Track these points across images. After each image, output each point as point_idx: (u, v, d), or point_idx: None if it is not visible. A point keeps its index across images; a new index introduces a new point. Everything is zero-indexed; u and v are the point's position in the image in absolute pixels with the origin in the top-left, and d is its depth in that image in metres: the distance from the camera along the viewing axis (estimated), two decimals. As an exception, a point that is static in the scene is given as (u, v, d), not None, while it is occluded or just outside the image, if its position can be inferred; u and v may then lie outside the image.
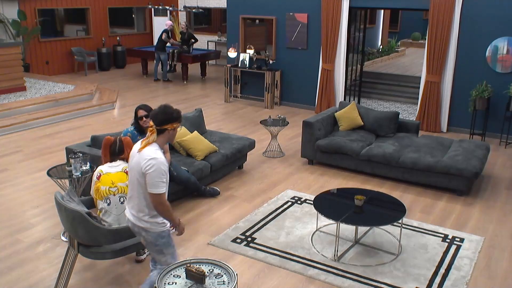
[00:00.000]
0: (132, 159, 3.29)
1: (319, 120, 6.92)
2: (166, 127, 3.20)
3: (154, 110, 3.23)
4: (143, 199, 3.25)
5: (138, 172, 3.19)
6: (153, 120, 3.19)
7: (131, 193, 3.34)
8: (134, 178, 3.25)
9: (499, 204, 5.80)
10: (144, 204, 3.25)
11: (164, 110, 3.20)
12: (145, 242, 3.40)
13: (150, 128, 3.18)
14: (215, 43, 16.11)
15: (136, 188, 3.25)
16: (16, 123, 8.50)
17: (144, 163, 3.13)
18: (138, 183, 3.22)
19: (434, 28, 8.42)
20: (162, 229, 3.34)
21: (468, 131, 8.39)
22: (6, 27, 12.45)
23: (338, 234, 4.57)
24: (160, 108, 3.21)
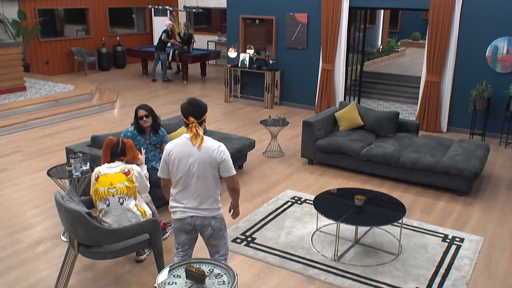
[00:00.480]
0: (190, 158, 3.31)
1: (319, 120, 6.92)
2: (204, 118, 3.36)
3: (187, 106, 3.31)
4: (216, 189, 3.41)
5: (211, 165, 3.31)
6: (192, 115, 3.28)
7: (199, 191, 3.36)
8: (204, 172, 3.32)
9: (499, 204, 5.80)
10: (218, 193, 3.43)
11: (197, 103, 3.32)
12: (212, 231, 3.46)
13: (193, 124, 3.28)
14: (215, 43, 16.11)
15: (208, 181, 3.35)
16: (16, 123, 8.50)
17: (216, 153, 3.30)
18: (211, 176, 3.35)
19: (434, 28, 8.42)
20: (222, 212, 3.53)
21: (468, 131, 8.39)
22: (6, 27, 12.45)
23: (338, 234, 4.57)
24: (192, 103, 3.31)
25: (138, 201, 3.98)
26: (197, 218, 3.41)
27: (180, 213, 3.43)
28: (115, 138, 4.09)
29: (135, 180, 3.95)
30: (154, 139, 5.23)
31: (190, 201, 3.40)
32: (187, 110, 3.31)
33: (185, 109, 3.33)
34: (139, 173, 4.00)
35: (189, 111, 3.30)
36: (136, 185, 3.96)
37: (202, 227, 3.46)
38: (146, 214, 3.98)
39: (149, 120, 5.09)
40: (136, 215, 3.92)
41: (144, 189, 4.11)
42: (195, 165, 3.32)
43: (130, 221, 3.89)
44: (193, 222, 3.43)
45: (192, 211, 3.41)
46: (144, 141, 5.17)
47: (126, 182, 3.89)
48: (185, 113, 3.33)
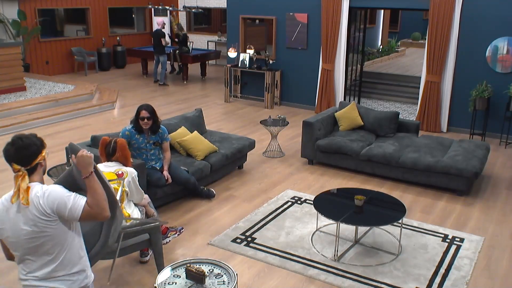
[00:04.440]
0: (12, 227, 2.43)
1: (319, 120, 6.92)
2: (38, 160, 2.46)
3: (9, 150, 2.42)
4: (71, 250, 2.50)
5: (44, 220, 2.38)
6: (17, 163, 2.43)
7: (43, 258, 2.46)
8: (47, 232, 2.40)
9: (499, 204, 5.80)
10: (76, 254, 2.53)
11: (21, 145, 2.40)
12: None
13: (19, 174, 2.45)
14: (215, 43, 16.12)
15: (56, 241, 2.44)
16: (16, 123, 8.51)
17: (41, 204, 2.38)
18: (57, 234, 2.43)
19: (434, 28, 8.42)
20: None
21: (468, 131, 8.39)
22: (6, 27, 12.45)
23: (338, 234, 4.57)
24: (15, 144, 2.41)
25: (125, 204, 3.93)
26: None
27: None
28: (108, 138, 4.09)
29: (127, 184, 3.90)
30: (153, 138, 5.21)
31: (39, 274, 2.47)
32: (9, 156, 2.42)
33: (7, 154, 2.42)
34: (133, 179, 3.96)
35: (11, 157, 2.42)
36: (126, 190, 3.89)
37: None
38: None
39: (149, 122, 5.07)
40: None
41: (136, 197, 4.04)
42: (22, 228, 2.39)
43: None
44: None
45: (41, 284, 2.47)
46: (142, 140, 5.16)
47: (115, 184, 3.85)
48: (7, 159, 2.44)
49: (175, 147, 5.98)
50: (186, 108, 9.96)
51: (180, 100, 10.93)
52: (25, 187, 2.41)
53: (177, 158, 5.80)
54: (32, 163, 2.42)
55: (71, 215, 2.37)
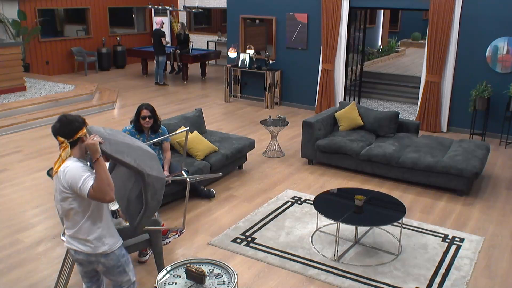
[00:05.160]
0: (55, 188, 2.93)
1: (319, 120, 6.92)
2: (78, 135, 2.84)
3: (55, 125, 2.85)
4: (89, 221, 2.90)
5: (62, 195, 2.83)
6: (60, 135, 2.83)
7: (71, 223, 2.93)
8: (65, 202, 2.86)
9: (499, 204, 5.80)
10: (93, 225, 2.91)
11: (65, 121, 2.83)
12: (104, 268, 3.00)
13: (63, 145, 2.83)
14: (215, 43, 16.12)
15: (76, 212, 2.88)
16: (16, 123, 8.51)
17: (62, 178, 2.79)
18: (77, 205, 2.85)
19: (434, 28, 8.42)
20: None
21: (468, 131, 8.39)
22: (6, 27, 12.45)
23: (338, 234, 4.57)
24: (61, 121, 2.84)
25: None
26: (79, 253, 2.95)
27: (65, 243, 3.04)
28: None
29: None
30: (153, 137, 5.21)
31: (67, 229, 2.98)
32: (55, 130, 2.83)
33: (53, 128, 2.85)
34: None
35: (56, 130, 2.83)
36: None
37: (89, 264, 2.99)
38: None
39: (151, 121, 5.08)
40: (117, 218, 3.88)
41: None
42: (56, 191, 2.88)
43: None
44: (76, 256, 2.98)
45: (70, 241, 2.96)
46: (143, 140, 5.16)
47: None
48: (53, 133, 2.85)
49: (175, 147, 5.98)
50: (186, 108, 9.96)
51: (180, 100, 10.93)
52: (64, 157, 2.81)
53: (177, 158, 5.80)
54: (74, 137, 2.82)
55: (81, 194, 2.74)
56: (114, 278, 3.06)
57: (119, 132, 3.20)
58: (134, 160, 2.85)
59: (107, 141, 2.84)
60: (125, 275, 3.06)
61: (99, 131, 2.90)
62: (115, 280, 3.07)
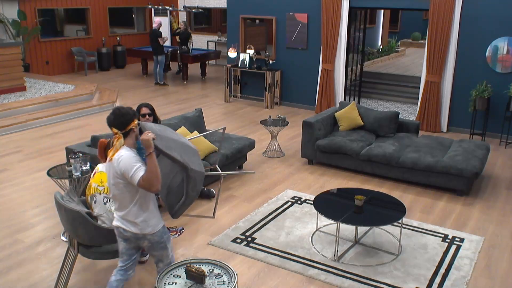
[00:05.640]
0: (107, 174, 3.28)
1: (319, 120, 6.92)
2: (130, 126, 3.17)
3: (109, 117, 3.18)
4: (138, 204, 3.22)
5: (116, 177, 3.15)
6: (114, 126, 3.15)
7: (122, 206, 3.26)
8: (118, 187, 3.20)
9: (499, 204, 5.80)
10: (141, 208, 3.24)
11: (119, 113, 3.16)
12: (150, 244, 3.35)
13: (116, 136, 3.15)
14: (215, 43, 16.12)
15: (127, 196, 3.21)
16: (16, 123, 8.51)
17: (116, 165, 3.11)
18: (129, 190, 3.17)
19: (434, 28, 8.42)
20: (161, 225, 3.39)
21: (468, 131, 8.39)
22: (6, 27, 12.45)
23: (338, 234, 4.57)
24: (115, 113, 3.17)
25: None
26: (127, 231, 3.30)
27: (115, 220, 3.38)
28: (106, 140, 4.06)
29: None
30: None
31: (117, 210, 3.33)
32: (109, 121, 3.18)
33: (108, 120, 3.19)
34: None
35: (111, 122, 3.17)
36: None
37: (137, 240, 3.35)
38: None
39: (150, 119, 5.07)
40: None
41: None
42: (108, 178, 3.26)
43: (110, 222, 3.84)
44: (124, 233, 3.33)
45: (121, 221, 3.32)
46: (143, 140, 5.16)
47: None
48: (108, 124, 3.20)
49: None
50: (186, 108, 9.96)
51: (180, 100, 10.93)
52: (119, 146, 3.12)
53: (177, 158, 5.79)
54: (126, 128, 3.14)
55: (131, 181, 3.08)
56: (156, 253, 3.40)
57: (167, 128, 3.53)
58: (180, 156, 3.21)
59: (159, 137, 3.16)
60: (166, 251, 3.42)
61: (152, 128, 3.22)
62: (157, 255, 3.42)
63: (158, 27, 12.32)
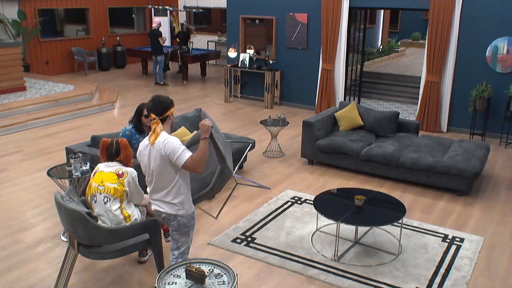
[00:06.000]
0: (148, 155, 3.46)
1: (319, 120, 6.92)
2: (167, 113, 3.42)
3: (149, 104, 3.41)
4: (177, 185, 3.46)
5: (162, 159, 3.37)
6: (153, 112, 3.38)
7: (159, 186, 3.49)
8: (160, 168, 3.40)
9: (499, 204, 5.80)
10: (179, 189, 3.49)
11: (158, 100, 3.40)
12: (177, 225, 3.56)
13: (154, 121, 3.37)
14: (215, 43, 16.12)
15: (167, 176, 3.43)
16: (16, 123, 8.50)
17: (161, 148, 3.34)
18: (168, 171, 3.41)
19: (434, 28, 8.42)
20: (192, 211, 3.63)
21: (468, 131, 8.39)
22: (6, 27, 12.45)
23: (338, 234, 4.57)
24: (154, 100, 3.40)
25: (124, 204, 3.93)
26: (162, 213, 3.55)
27: (151, 204, 3.65)
28: (109, 140, 4.06)
29: (127, 184, 3.89)
30: None
31: (154, 193, 3.56)
32: (148, 108, 3.42)
33: (147, 107, 3.47)
34: (133, 179, 3.95)
35: (150, 108, 3.41)
36: (126, 190, 3.89)
37: (169, 220, 3.58)
38: (131, 219, 3.89)
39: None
40: (117, 218, 3.85)
41: (136, 197, 4.03)
42: (149, 160, 3.45)
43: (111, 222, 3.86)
44: (161, 215, 3.59)
45: (157, 204, 3.56)
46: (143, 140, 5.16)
47: (116, 183, 3.85)
48: (147, 110, 3.48)
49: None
50: (186, 108, 9.95)
51: (180, 100, 10.92)
52: (159, 131, 3.37)
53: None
54: (164, 114, 3.38)
55: (177, 162, 3.32)
56: (178, 237, 3.62)
57: (215, 122, 3.72)
58: (223, 150, 3.55)
59: (214, 128, 3.48)
60: (187, 237, 3.64)
61: (210, 118, 3.53)
62: (178, 239, 3.63)
63: (158, 27, 12.30)
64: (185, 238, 3.65)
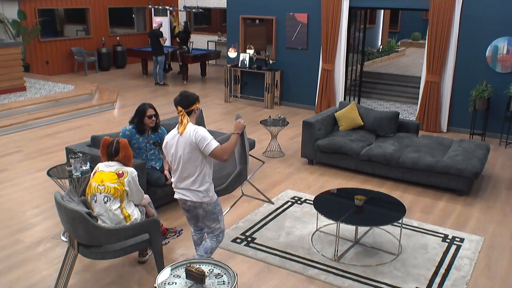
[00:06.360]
0: (175, 144, 3.68)
1: (319, 120, 6.92)
2: (192, 108, 3.69)
3: (177, 97, 3.71)
4: (203, 173, 3.69)
5: (191, 147, 3.61)
6: (180, 105, 3.66)
7: (185, 173, 3.69)
8: (187, 156, 3.63)
9: (499, 204, 5.80)
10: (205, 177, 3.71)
11: (185, 95, 3.72)
12: (204, 213, 3.80)
13: (181, 113, 3.64)
14: (215, 43, 16.12)
15: (193, 164, 3.65)
16: (16, 123, 8.51)
17: (192, 136, 3.59)
18: (195, 159, 3.64)
19: (434, 28, 8.42)
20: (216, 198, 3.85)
21: (468, 131, 8.39)
22: (6, 27, 12.45)
23: (338, 234, 4.57)
24: (182, 95, 3.72)
25: (124, 204, 3.93)
26: (187, 201, 3.76)
27: (176, 194, 3.83)
28: (110, 138, 4.07)
29: (127, 184, 3.89)
30: (153, 137, 5.23)
31: (179, 182, 3.76)
32: (176, 101, 3.70)
33: (174, 100, 3.72)
34: (133, 178, 3.95)
35: (177, 102, 3.68)
36: (126, 189, 3.90)
37: (194, 208, 3.80)
38: (131, 218, 3.91)
39: (154, 120, 5.12)
40: (117, 217, 3.86)
41: (136, 197, 4.04)
42: (177, 149, 3.67)
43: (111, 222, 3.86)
44: (186, 203, 3.79)
45: (182, 192, 3.76)
46: (143, 140, 5.17)
47: (116, 183, 3.86)
48: (174, 103, 3.72)
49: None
50: (186, 108, 9.94)
51: (180, 100, 10.90)
52: (186, 122, 3.65)
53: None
54: (189, 108, 3.67)
55: (206, 149, 3.59)
56: (209, 223, 3.86)
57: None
58: (247, 151, 4.05)
59: (244, 130, 4.00)
60: (217, 223, 3.88)
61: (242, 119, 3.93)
62: (209, 225, 3.88)
63: (159, 27, 12.30)
64: (216, 223, 3.87)
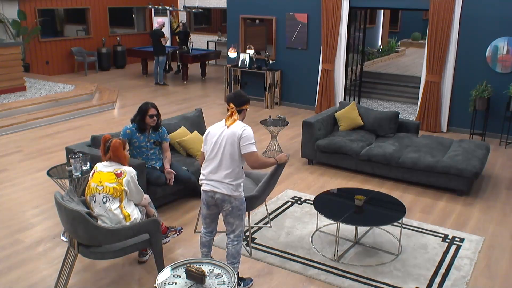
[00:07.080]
0: (219, 134, 3.79)
1: (319, 120, 6.92)
2: (243, 107, 3.87)
3: (231, 95, 3.91)
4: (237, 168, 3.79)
5: (233, 141, 3.73)
6: (232, 103, 3.83)
7: (221, 164, 3.77)
8: (228, 148, 3.75)
9: (499, 204, 5.80)
10: (239, 173, 3.82)
11: (240, 94, 3.92)
12: (231, 209, 3.83)
13: (232, 109, 3.81)
14: (215, 43, 16.12)
15: (231, 158, 3.75)
16: (16, 123, 8.50)
17: (239, 131, 3.73)
18: (233, 153, 3.74)
19: (434, 28, 8.42)
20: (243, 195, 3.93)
21: (468, 131, 8.39)
22: (6, 27, 12.45)
23: (338, 234, 4.57)
24: (236, 93, 3.93)
25: (124, 204, 3.93)
26: (218, 194, 3.78)
27: (205, 185, 3.85)
28: (109, 136, 4.09)
29: (125, 183, 3.89)
30: (153, 136, 5.23)
31: (213, 173, 3.80)
32: (229, 98, 3.89)
33: (228, 97, 3.91)
34: (132, 178, 3.95)
35: (231, 99, 3.87)
36: (125, 189, 3.90)
37: (222, 202, 3.81)
38: (130, 218, 3.91)
39: (156, 119, 5.14)
40: (117, 217, 3.86)
41: (136, 197, 4.04)
42: (221, 139, 3.78)
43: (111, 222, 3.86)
44: (215, 196, 3.80)
45: (213, 184, 3.79)
46: (143, 139, 5.17)
47: (115, 183, 3.86)
48: (227, 100, 3.90)
49: (175, 147, 5.97)
50: (186, 108, 9.96)
51: (180, 100, 10.92)
52: (235, 118, 3.81)
53: (177, 158, 5.80)
54: (241, 106, 3.86)
55: (244, 148, 3.74)
56: (232, 220, 3.89)
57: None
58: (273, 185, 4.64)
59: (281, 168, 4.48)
60: (241, 220, 3.92)
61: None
62: (232, 222, 3.90)
63: (161, 27, 12.34)
64: (239, 221, 3.90)
